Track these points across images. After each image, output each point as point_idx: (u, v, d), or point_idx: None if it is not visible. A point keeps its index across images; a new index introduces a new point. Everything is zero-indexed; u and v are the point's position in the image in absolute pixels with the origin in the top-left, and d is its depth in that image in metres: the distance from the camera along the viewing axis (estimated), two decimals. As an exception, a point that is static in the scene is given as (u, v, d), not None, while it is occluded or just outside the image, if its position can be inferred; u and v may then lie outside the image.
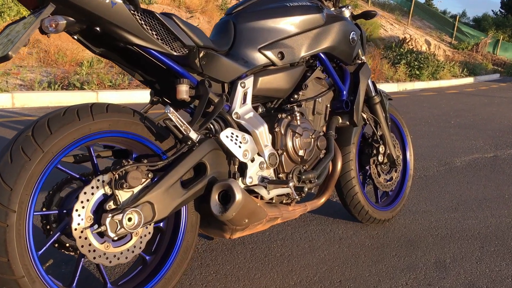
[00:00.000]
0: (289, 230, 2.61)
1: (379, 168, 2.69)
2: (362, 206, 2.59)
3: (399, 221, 2.85)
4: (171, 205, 1.65)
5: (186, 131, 1.62)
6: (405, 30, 21.28)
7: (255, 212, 1.86)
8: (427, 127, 6.46)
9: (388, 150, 2.66)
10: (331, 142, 2.22)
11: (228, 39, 1.99)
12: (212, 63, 1.83)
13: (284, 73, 2.08)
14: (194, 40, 1.71)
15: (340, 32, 2.22)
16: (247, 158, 1.85)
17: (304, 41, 2.12)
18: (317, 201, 2.29)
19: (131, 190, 1.59)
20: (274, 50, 2.04)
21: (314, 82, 2.22)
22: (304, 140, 2.04)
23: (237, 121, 1.90)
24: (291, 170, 2.04)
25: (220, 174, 1.82)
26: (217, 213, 1.74)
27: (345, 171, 2.54)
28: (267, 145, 1.94)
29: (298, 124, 2.02)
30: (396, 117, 2.88)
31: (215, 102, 1.83)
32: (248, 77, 1.96)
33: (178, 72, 1.73)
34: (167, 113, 1.59)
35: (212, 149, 1.78)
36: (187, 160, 1.69)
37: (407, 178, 2.93)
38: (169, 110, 1.59)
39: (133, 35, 1.58)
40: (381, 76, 12.51)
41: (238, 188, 1.72)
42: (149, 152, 1.71)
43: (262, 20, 2.06)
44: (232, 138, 1.81)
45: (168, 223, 1.80)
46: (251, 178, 1.88)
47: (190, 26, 1.71)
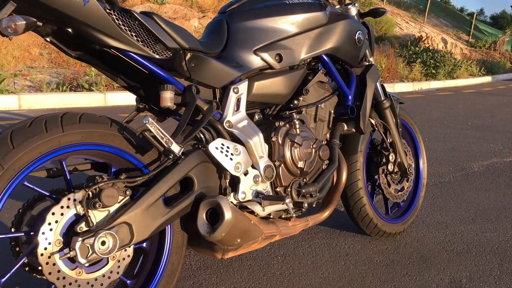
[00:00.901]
0: (291, 244, 2.43)
1: (389, 178, 2.50)
2: (370, 219, 2.40)
3: (411, 234, 2.65)
4: (152, 225, 1.48)
5: (168, 143, 1.46)
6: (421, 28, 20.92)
7: (248, 231, 1.69)
8: (442, 129, 6.22)
9: (399, 158, 2.47)
10: (335, 151, 2.04)
11: (220, 41, 1.82)
12: (201, 67, 1.66)
13: (283, 77, 1.90)
14: (178, 42, 1.54)
15: (345, 32, 2.04)
16: (239, 171, 1.68)
17: (304, 42, 1.94)
18: (320, 215, 2.11)
19: (107, 209, 1.43)
20: (271, 52, 1.87)
21: (316, 86, 2.04)
22: (304, 151, 1.86)
23: (229, 130, 1.73)
24: (290, 184, 1.86)
25: (209, 190, 1.65)
26: (205, 234, 1.57)
27: (352, 181, 2.35)
28: (262, 157, 1.77)
29: (297, 132, 1.84)
30: (408, 122, 2.69)
31: (204, 110, 1.66)
32: (242, 82, 1.79)
33: (161, 77, 1.57)
34: (146, 124, 1.42)
35: (200, 162, 1.61)
36: (170, 175, 1.53)
37: (420, 188, 2.73)
38: (147, 121, 1.42)
39: (109, 37, 1.42)
40: (396, 75, 12.24)
41: (227, 206, 1.55)
42: (129, 166, 1.54)
43: (258, 19, 1.88)
44: (222, 149, 1.64)
45: (152, 243, 1.64)
46: (244, 194, 1.71)
47: (174, 26, 1.54)
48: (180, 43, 1.54)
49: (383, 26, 17.91)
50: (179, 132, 1.51)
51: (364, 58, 2.29)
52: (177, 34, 1.54)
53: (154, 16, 1.49)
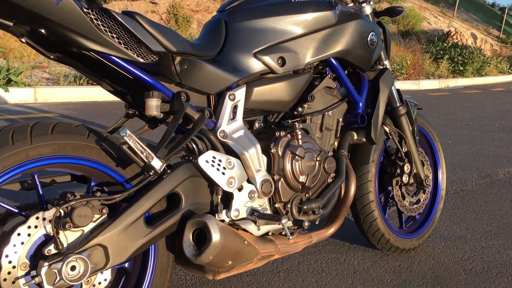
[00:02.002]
0: (296, 258, 2.28)
1: (403, 190, 2.32)
2: (381, 234, 2.23)
3: (426, 249, 2.47)
4: (131, 247, 1.35)
5: (148, 158, 1.31)
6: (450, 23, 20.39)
7: (241, 252, 1.54)
8: (468, 130, 5.97)
9: (415, 169, 2.28)
10: (342, 163, 1.87)
11: (217, 42, 1.67)
12: (192, 72, 1.51)
13: (285, 82, 1.74)
14: (165, 45, 1.39)
15: (356, 33, 1.86)
16: (232, 187, 1.53)
17: (310, 44, 1.78)
18: (325, 232, 1.95)
19: (80, 229, 1.30)
20: (273, 55, 1.71)
21: (323, 92, 1.87)
22: (307, 164, 1.70)
23: (223, 141, 1.58)
24: (290, 199, 1.70)
25: (199, 207, 1.51)
26: (191, 256, 1.43)
27: (363, 193, 2.18)
28: (259, 170, 1.62)
29: (299, 144, 1.68)
30: (426, 129, 2.50)
31: (195, 119, 1.51)
32: (239, 88, 1.63)
33: (147, 83, 1.43)
34: (123, 137, 1.28)
35: (188, 177, 1.47)
36: (154, 191, 1.39)
37: (438, 200, 2.54)
38: (125, 133, 1.28)
39: (87, 39, 1.28)
40: (422, 72, 11.90)
41: (215, 227, 1.41)
42: (110, 181, 1.41)
43: (259, 19, 1.72)
44: (213, 163, 1.49)
45: (135, 264, 1.50)
46: (238, 211, 1.56)
47: (160, 28, 1.39)
48: (167, 46, 1.39)
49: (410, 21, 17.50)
50: (162, 145, 1.37)
51: (378, 61, 2.11)
52: (163, 36, 1.39)
53: (137, 16, 1.35)
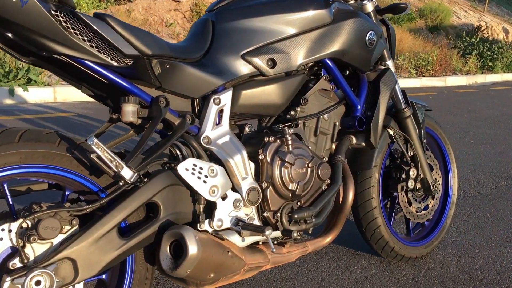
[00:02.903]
0: (296, 265, 2.19)
1: (410, 195, 2.21)
2: (385, 242, 2.13)
3: (436, 257, 2.35)
4: (102, 260, 1.29)
5: (118, 168, 1.25)
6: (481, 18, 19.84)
7: (224, 265, 1.47)
8: (492, 129, 5.75)
9: (422, 174, 2.17)
10: (339, 169, 1.78)
11: (203, 44, 1.60)
12: (173, 75, 1.45)
13: (276, 84, 1.66)
14: (138, 48, 1.32)
15: (352, 32, 1.76)
16: (215, 196, 1.46)
17: (303, 44, 1.69)
18: (322, 241, 1.87)
19: (49, 241, 1.25)
20: (262, 57, 1.62)
21: (318, 94, 1.78)
22: (297, 170, 1.61)
23: (207, 148, 1.51)
24: (280, 208, 1.62)
25: (179, 217, 1.44)
26: (167, 269, 1.37)
27: (365, 199, 2.08)
28: (246, 178, 1.54)
29: (289, 150, 1.60)
30: (436, 132, 2.38)
31: (175, 124, 1.45)
32: (225, 91, 1.56)
33: (123, 88, 1.37)
34: (90, 145, 1.22)
35: (167, 185, 1.40)
36: (128, 201, 1.33)
37: (448, 206, 2.42)
38: (92, 142, 1.22)
39: (57, 43, 1.23)
40: (449, 68, 11.59)
41: (192, 239, 1.34)
42: (85, 190, 1.36)
43: (248, 19, 1.64)
44: (194, 171, 1.42)
45: (113, 276, 1.44)
46: (221, 221, 1.49)
47: (133, 30, 1.33)
48: (141, 49, 1.33)
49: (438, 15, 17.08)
50: (135, 154, 1.30)
51: (380, 61, 2.00)
52: (137, 38, 1.32)
53: (108, 18, 1.28)
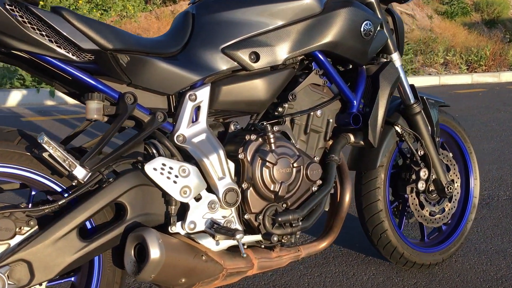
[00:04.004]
0: (299, 270, 2.09)
1: (422, 198, 2.06)
2: (394, 248, 1.99)
3: (454, 264, 2.19)
4: (60, 263, 1.25)
5: (71, 167, 1.20)
6: (543, 10, 18.76)
7: (196, 269, 1.40)
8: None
9: (434, 174, 2.01)
10: (332, 170, 1.66)
11: (180, 38, 1.53)
12: (144, 71, 1.39)
13: (260, 80, 1.57)
14: (98, 42, 1.27)
15: (345, 23, 1.64)
16: (187, 197, 1.39)
17: (289, 36, 1.59)
18: (316, 245, 1.76)
19: (6, 243, 1.22)
20: (244, 50, 1.54)
21: (310, 90, 1.67)
22: (280, 171, 1.51)
23: (181, 146, 1.44)
24: (262, 210, 1.53)
25: (149, 218, 1.38)
26: (131, 273, 1.31)
27: (370, 201, 1.96)
28: (223, 178, 1.46)
29: (271, 148, 1.50)
30: (455, 129, 2.20)
31: (145, 122, 1.39)
32: (202, 87, 1.48)
33: (87, 84, 1.32)
34: (41, 143, 1.18)
35: (135, 185, 1.35)
36: (90, 202, 1.28)
37: (469, 209, 2.24)
38: (42, 140, 1.18)
39: (14, 38, 1.20)
40: (504, 63, 11.00)
41: (154, 242, 1.28)
42: (49, 189, 1.32)
43: (229, 11, 1.56)
44: (163, 170, 1.35)
45: (82, 276, 1.40)
46: (194, 223, 1.42)
47: (93, 23, 1.28)
48: (101, 43, 1.27)
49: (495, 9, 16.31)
50: (93, 152, 1.25)
51: (382, 54, 1.86)
52: (96, 33, 1.27)
53: (65, 12, 1.24)
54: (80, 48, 1.25)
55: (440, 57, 10.07)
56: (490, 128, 5.03)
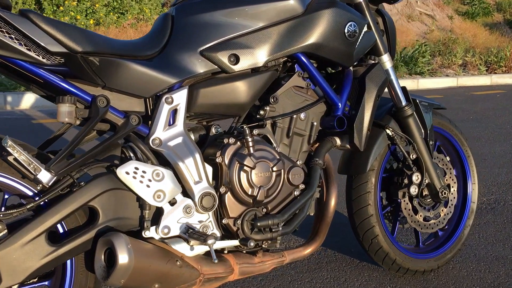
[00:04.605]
0: (290, 275, 2.06)
1: (415, 203, 2.01)
2: (385, 253, 1.94)
3: (451, 271, 2.13)
4: (29, 267, 1.24)
5: (36, 171, 1.20)
6: None
7: (170, 275, 1.38)
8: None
9: (427, 179, 1.96)
10: (315, 174, 1.63)
11: (159, 40, 1.52)
12: (118, 74, 1.38)
13: (239, 82, 1.54)
14: (67, 45, 1.27)
15: (328, 24, 1.61)
16: (161, 201, 1.38)
17: (270, 38, 1.56)
18: (302, 251, 1.73)
19: (-25, 246, 1.21)
20: (223, 53, 1.52)
21: (293, 92, 1.64)
22: (258, 175, 1.49)
23: (156, 150, 1.43)
24: (241, 215, 1.51)
25: (122, 223, 1.37)
26: (101, 278, 1.30)
27: (360, 206, 1.92)
28: (199, 182, 1.44)
29: (249, 152, 1.48)
30: (451, 132, 2.15)
31: (119, 125, 1.38)
32: (179, 90, 1.47)
33: (59, 87, 1.32)
34: (4, 146, 1.18)
35: (107, 189, 1.34)
36: (60, 206, 1.28)
37: (466, 215, 2.18)
38: (6, 143, 1.17)
39: None
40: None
41: (123, 247, 1.26)
42: (21, 193, 1.32)
43: (208, 13, 1.54)
44: (136, 174, 1.34)
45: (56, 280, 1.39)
46: (168, 228, 1.40)
47: (61, 26, 1.27)
48: (69, 46, 1.27)
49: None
50: (60, 156, 1.25)
51: (369, 56, 1.82)
52: (65, 35, 1.26)
53: (32, 15, 1.23)
54: (48, 51, 1.25)
55: (458, 58, 9.90)
56: (505, 130, 4.91)
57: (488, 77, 9.44)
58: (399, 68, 8.58)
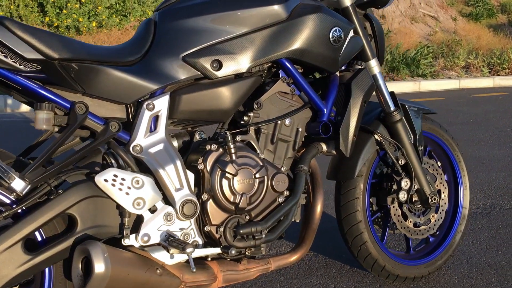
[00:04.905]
0: (279, 281, 2.04)
1: (405, 208, 1.99)
2: (374, 260, 1.93)
3: (442, 277, 2.10)
4: (5, 276, 1.24)
5: (10, 179, 1.19)
6: None
7: (149, 284, 1.38)
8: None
9: (416, 184, 1.94)
10: (300, 180, 1.62)
11: (141, 46, 1.51)
12: (97, 80, 1.37)
13: (222, 88, 1.53)
14: (43, 52, 1.26)
15: (312, 29, 1.59)
16: (141, 208, 1.37)
17: (253, 44, 1.55)
18: (287, 258, 1.71)
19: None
20: (205, 58, 1.51)
21: (277, 98, 1.63)
22: (241, 182, 1.48)
23: (137, 156, 1.42)
24: (223, 222, 1.50)
25: (102, 231, 1.37)
26: (77, 287, 1.29)
27: (349, 212, 1.90)
28: (180, 189, 1.43)
29: (231, 159, 1.47)
30: (442, 138, 2.12)
31: (98, 132, 1.37)
32: (161, 96, 1.46)
33: (37, 94, 1.32)
34: (-19, 156, 1.17)
35: (86, 197, 1.33)
36: (36, 214, 1.27)
37: (458, 220, 2.15)
38: (-20, 151, 1.17)
39: None
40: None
41: (99, 256, 1.25)
42: (0, 201, 1.31)
43: (191, 19, 1.53)
44: (115, 182, 1.33)
45: None
46: (148, 236, 1.39)
47: (37, 33, 1.27)
48: (46, 52, 1.26)
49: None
50: (35, 164, 1.24)
51: (356, 61, 1.80)
52: (41, 42, 1.26)
53: (7, 22, 1.23)
54: (24, 58, 1.24)
55: (461, 60, 9.85)
56: (504, 133, 4.87)
57: (491, 79, 9.38)
58: (400, 70, 8.54)
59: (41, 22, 8.26)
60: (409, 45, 10.19)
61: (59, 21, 8.40)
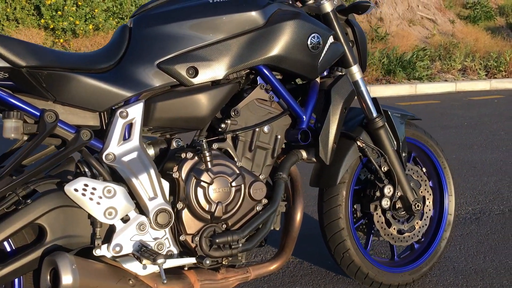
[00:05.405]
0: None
1: (389, 215, 1.97)
2: (357, 267, 1.90)
3: (427, 285, 2.08)
4: (-31, 287, 1.21)
5: (-27, 188, 1.17)
6: None
7: (121, 294, 1.35)
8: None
9: (400, 191, 1.92)
10: (279, 188, 1.60)
11: (116, 52, 1.49)
12: (68, 88, 1.36)
13: (198, 95, 1.51)
14: (9, 59, 1.25)
15: (290, 36, 1.57)
16: (112, 218, 1.35)
17: (230, 50, 1.53)
18: (267, 266, 1.69)
19: None
20: (181, 65, 1.49)
21: (256, 105, 1.61)
22: (216, 190, 1.46)
23: (110, 165, 1.40)
24: (199, 231, 1.47)
25: (72, 241, 1.35)
26: (46, 299, 1.27)
27: (331, 219, 1.88)
28: (154, 198, 1.41)
29: (207, 167, 1.44)
30: (426, 144, 2.10)
31: (69, 140, 1.35)
32: (135, 104, 1.44)
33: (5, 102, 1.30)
34: None
35: (56, 207, 1.31)
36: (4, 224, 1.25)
37: (443, 227, 2.13)
38: None
39: None
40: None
41: (66, 268, 1.23)
42: (-32, 210, 1.29)
43: (166, 25, 1.51)
44: (85, 191, 1.31)
45: (5, 301, 1.37)
46: (120, 246, 1.37)
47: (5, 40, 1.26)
48: (12, 60, 1.25)
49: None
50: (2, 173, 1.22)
51: (337, 67, 1.77)
52: (7, 50, 1.24)
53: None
54: None
55: (457, 63, 9.83)
56: (498, 137, 4.85)
57: (487, 82, 9.37)
58: (397, 73, 8.52)
59: (38, 25, 8.24)
60: (406, 48, 10.17)
61: (55, 24, 8.38)
